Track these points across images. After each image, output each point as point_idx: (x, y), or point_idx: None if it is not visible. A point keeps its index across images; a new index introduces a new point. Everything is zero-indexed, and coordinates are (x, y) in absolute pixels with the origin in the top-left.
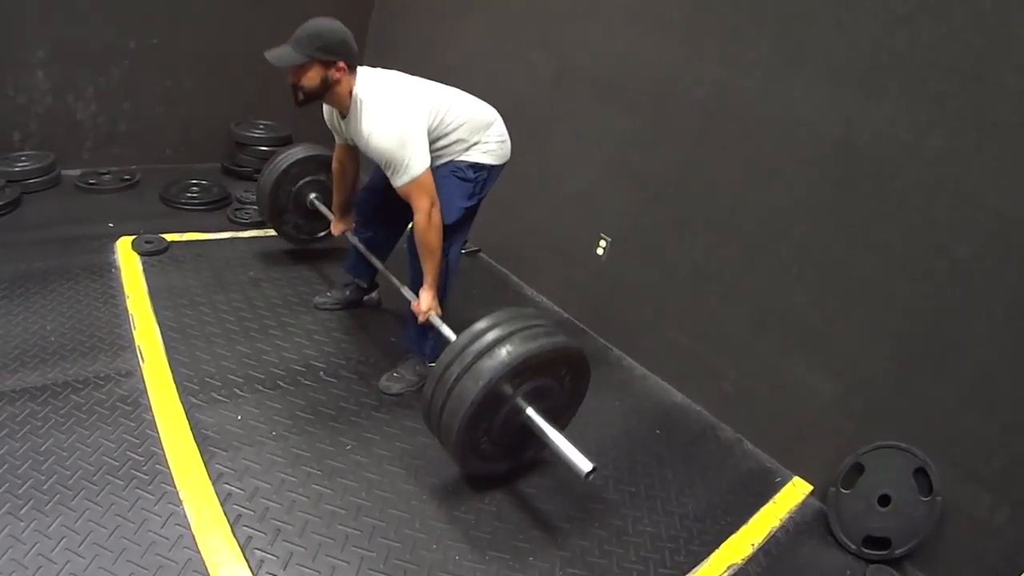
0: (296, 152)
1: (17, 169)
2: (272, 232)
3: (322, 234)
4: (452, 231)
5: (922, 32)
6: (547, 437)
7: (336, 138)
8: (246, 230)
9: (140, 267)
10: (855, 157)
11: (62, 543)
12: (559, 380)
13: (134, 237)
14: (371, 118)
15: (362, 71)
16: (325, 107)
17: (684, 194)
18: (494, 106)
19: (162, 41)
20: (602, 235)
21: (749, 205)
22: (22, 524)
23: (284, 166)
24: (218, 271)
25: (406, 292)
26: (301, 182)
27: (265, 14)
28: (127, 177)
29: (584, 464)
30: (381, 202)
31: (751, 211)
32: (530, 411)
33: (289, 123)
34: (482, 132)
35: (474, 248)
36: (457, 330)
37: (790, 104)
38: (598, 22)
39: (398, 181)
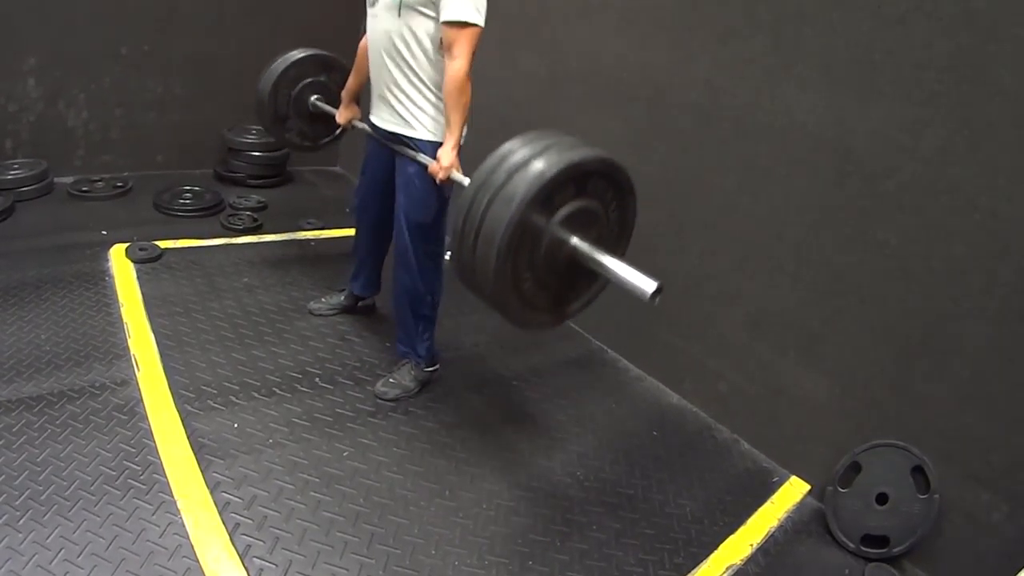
0: (294, 54)
1: (10, 177)
2: (266, 238)
3: (326, 139)
4: (434, 232)
5: (915, 32)
6: (598, 262)
7: (368, 15)
8: (240, 236)
9: (134, 275)
10: (849, 158)
11: (60, 554)
12: (603, 203)
13: (127, 244)
14: None
15: None
16: None
17: (679, 196)
18: (487, 111)
19: (153, 47)
20: None
21: (744, 206)
22: (20, 535)
23: (282, 68)
24: (212, 278)
25: (423, 158)
26: (301, 84)
27: (257, 20)
28: (120, 184)
29: (647, 285)
30: (378, 202)
31: (746, 212)
32: (575, 240)
33: None
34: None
35: None
36: (444, 343)
37: (784, 105)
38: (591, 25)
39: (452, 12)
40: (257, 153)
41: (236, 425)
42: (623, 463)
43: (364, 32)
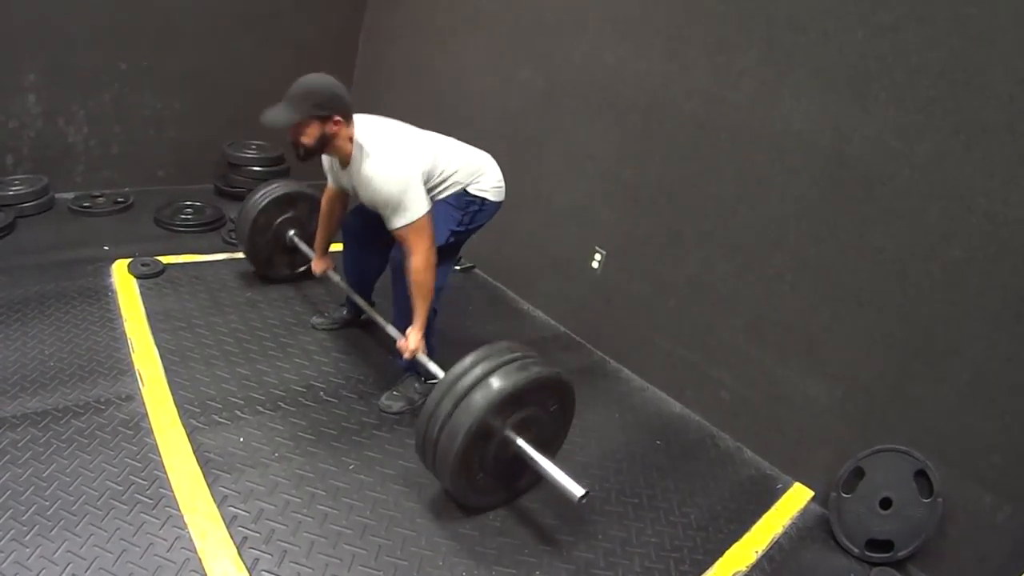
0: (258, 200)
1: (11, 193)
2: None
3: (303, 268)
4: (439, 255)
5: (909, 39)
6: (538, 465)
7: (329, 181)
8: (241, 251)
9: (137, 290)
10: (846, 164)
11: (68, 569)
12: (546, 408)
13: (130, 260)
14: (373, 163)
15: (359, 119)
16: (324, 157)
17: (677, 206)
18: (485, 125)
19: (152, 63)
20: (597, 248)
21: (742, 215)
22: (27, 550)
23: (251, 218)
24: (214, 293)
25: (391, 331)
26: (272, 227)
27: (255, 35)
28: (121, 200)
29: (576, 489)
30: (370, 224)
31: (744, 221)
32: (520, 441)
33: (281, 144)
34: (478, 176)
35: (468, 264)
36: (445, 363)
37: (780, 114)
38: (587, 38)
39: (397, 223)
40: (257, 168)
41: (242, 439)
42: (627, 472)
43: (325, 193)
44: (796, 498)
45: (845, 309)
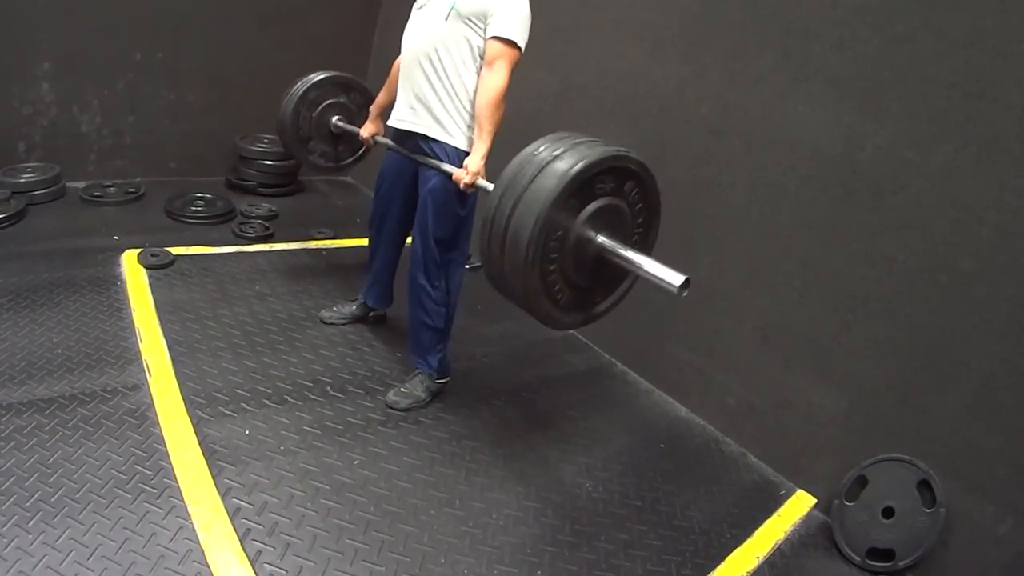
0: (313, 76)
1: (22, 180)
2: (278, 246)
3: (348, 160)
4: (451, 247)
5: (923, 49)
6: (625, 258)
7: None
8: (251, 244)
9: (146, 280)
10: (858, 173)
11: (71, 556)
12: (626, 199)
13: (139, 250)
14: None
15: None
16: None
17: (687, 210)
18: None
19: (167, 55)
20: None
21: (752, 221)
22: (30, 536)
23: (303, 90)
24: (223, 285)
25: (447, 167)
26: (322, 105)
27: (269, 29)
28: (132, 190)
29: (674, 278)
30: (394, 213)
31: (754, 227)
32: (601, 238)
33: None
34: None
35: (477, 263)
36: (455, 358)
37: (793, 121)
38: (602, 41)
39: (500, 29)
40: (268, 162)
41: (247, 432)
42: (631, 475)
43: (401, 50)
44: (799, 505)
45: (853, 318)
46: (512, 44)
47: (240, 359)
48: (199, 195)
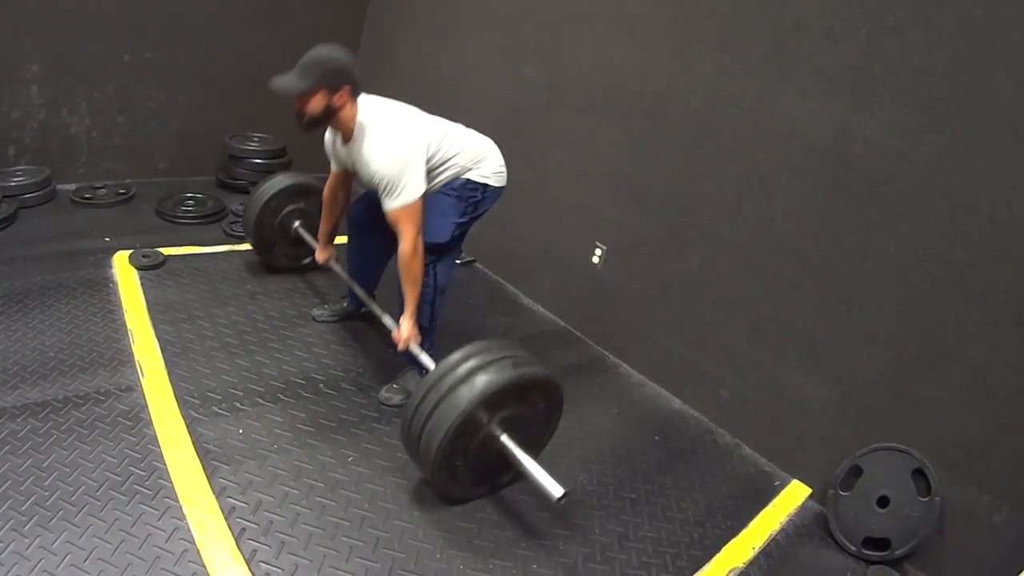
0: (273, 184)
1: (13, 184)
2: None
3: (308, 260)
4: (443, 249)
5: (913, 40)
6: (520, 463)
7: (333, 165)
8: (242, 243)
9: (137, 281)
10: (849, 165)
11: (67, 559)
12: (534, 409)
13: (131, 251)
14: (374, 141)
15: (365, 98)
16: (327, 134)
17: (679, 203)
18: (489, 119)
19: (156, 55)
20: (597, 244)
21: (744, 214)
22: (26, 540)
23: (263, 200)
24: (215, 285)
25: (387, 321)
26: (282, 213)
27: (258, 28)
28: (122, 191)
29: (556, 489)
30: (375, 214)
31: (746, 220)
32: (504, 438)
33: (283, 136)
34: (480, 161)
35: (469, 258)
36: (442, 352)
37: (784, 113)
38: (592, 35)
39: (391, 204)
40: (259, 160)
41: (241, 431)
42: (625, 467)
43: (329, 181)
44: (794, 495)
45: (846, 309)
46: (405, 207)
47: (233, 358)
48: (190, 195)
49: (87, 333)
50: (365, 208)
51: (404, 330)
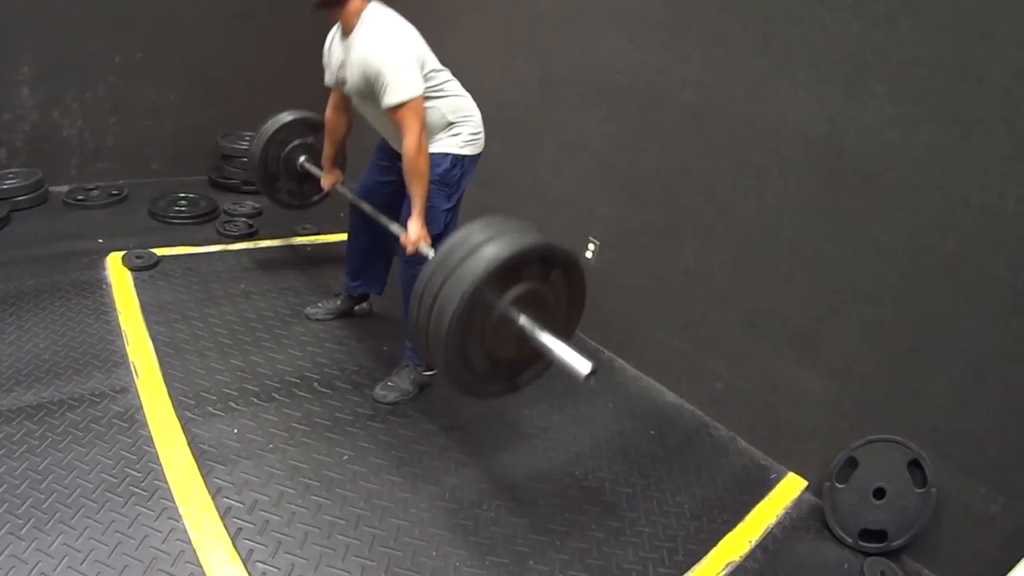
0: (282, 116)
1: (5, 187)
2: (262, 243)
3: (316, 198)
4: (441, 239)
5: (905, 31)
6: (540, 341)
7: (327, 78)
8: (235, 243)
9: (131, 282)
10: (841, 156)
11: (64, 561)
12: (551, 284)
13: (124, 252)
14: (373, 35)
15: (375, 3)
16: (327, 39)
17: (672, 197)
18: (480, 113)
19: (147, 55)
20: (591, 239)
21: (737, 206)
22: (23, 543)
23: (272, 131)
24: (209, 285)
25: (395, 228)
26: (289, 146)
27: (251, 27)
28: (115, 192)
29: (583, 366)
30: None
31: (739, 212)
32: (523, 319)
33: None
34: (460, 116)
35: None
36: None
37: (776, 105)
38: (582, 28)
39: (392, 99)
40: None
41: (236, 431)
42: (621, 462)
43: (330, 101)
44: (790, 488)
45: (840, 301)
46: (403, 103)
47: (227, 358)
48: (182, 195)
49: (81, 335)
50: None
51: (412, 232)
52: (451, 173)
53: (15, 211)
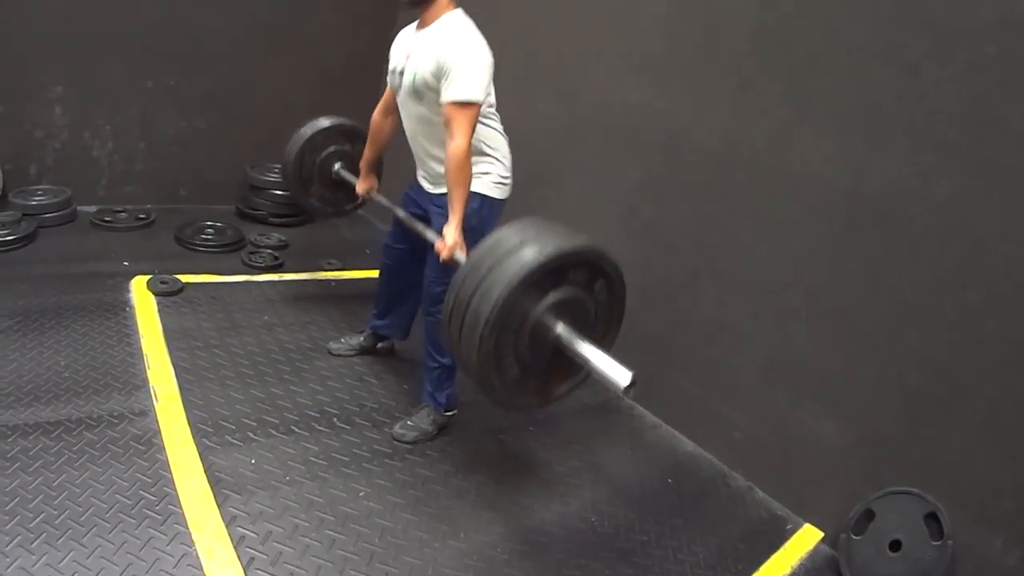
0: (320, 122)
1: (33, 203)
2: (287, 276)
3: (348, 206)
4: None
5: (927, 80)
6: (577, 350)
7: (388, 79)
8: (260, 274)
9: (155, 307)
10: (864, 205)
11: None
12: (590, 291)
13: (149, 277)
14: (458, 29)
15: (460, 10)
16: (402, 32)
17: (695, 244)
18: None
19: (179, 83)
20: None
21: (758, 254)
22: (33, 557)
23: (309, 134)
24: (232, 314)
25: (430, 235)
26: (325, 152)
27: (281, 59)
28: (142, 216)
29: (622, 376)
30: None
31: (760, 260)
32: (559, 327)
33: None
34: (495, 153)
35: None
36: (469, 383)
37: (799, 153)
38: (608, 72)
39: (455, 93)
40: (279, 192)
41: (253, 461)
42: (637, 509)
43: (380, 103)
44: (806, 539)
45: (860, 350)
46: (466, 104)
47: (247, 388)
48: (209, 223)
49: (102, 356)
50: (397, 242)
51: (449, 237)
52: (477, 214)
53: (43, 228)
